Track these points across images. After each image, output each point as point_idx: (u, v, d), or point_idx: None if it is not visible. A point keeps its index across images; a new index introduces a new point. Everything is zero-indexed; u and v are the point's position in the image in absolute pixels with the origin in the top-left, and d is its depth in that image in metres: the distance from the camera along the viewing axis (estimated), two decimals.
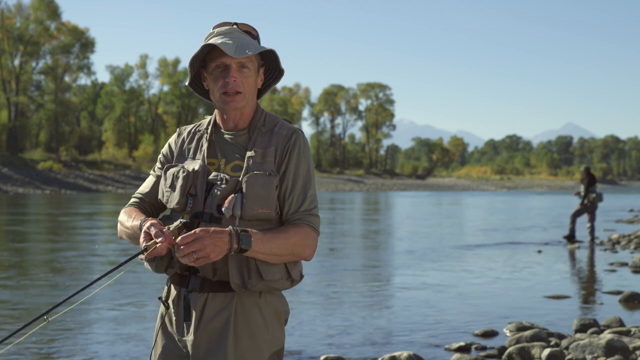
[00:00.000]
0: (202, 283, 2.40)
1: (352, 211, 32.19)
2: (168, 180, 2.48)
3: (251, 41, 2.45)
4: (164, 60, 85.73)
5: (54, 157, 68.62)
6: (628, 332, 6.86)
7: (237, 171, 2.44)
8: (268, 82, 2.58)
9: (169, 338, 2.49)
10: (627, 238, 17.07)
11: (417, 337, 6.94)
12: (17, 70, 70.85)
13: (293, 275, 2.45)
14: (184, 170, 2.45)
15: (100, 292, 8.97)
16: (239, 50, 2.38)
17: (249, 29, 2.48)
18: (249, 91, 2.44)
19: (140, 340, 6.71)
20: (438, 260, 13.20)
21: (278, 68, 2.54)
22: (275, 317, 2.47)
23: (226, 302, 2.40)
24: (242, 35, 2.44)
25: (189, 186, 2.42)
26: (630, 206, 37.42)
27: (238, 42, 2.40)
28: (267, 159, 2.42)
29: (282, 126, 2.50)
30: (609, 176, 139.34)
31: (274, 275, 2.38)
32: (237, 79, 2.40)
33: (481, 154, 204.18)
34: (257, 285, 2.36)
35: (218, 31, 2.44)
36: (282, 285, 2.43)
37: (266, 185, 2.38)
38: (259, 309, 2.43)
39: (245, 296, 2.40)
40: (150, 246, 2.22)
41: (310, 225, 2.44)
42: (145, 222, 2.31)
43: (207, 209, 2.39)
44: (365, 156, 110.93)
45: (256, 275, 2.35)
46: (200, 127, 2.58)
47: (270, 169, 2.41)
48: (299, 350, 6.39)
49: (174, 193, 2.45)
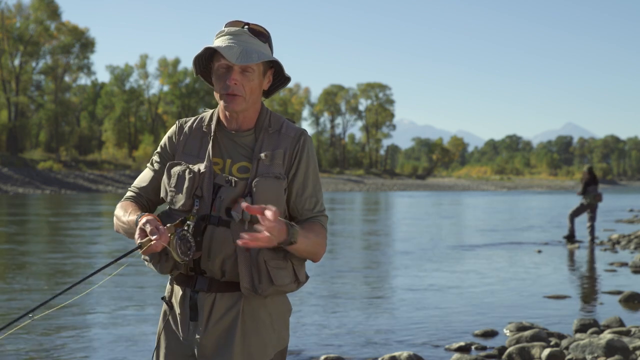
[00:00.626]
0: (209, 283, 2.38)
1: (352, 211, 32.17)
2: (173, 180, 2.43)
3: (258, 46, 2.39)
4: (164, 60, 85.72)
5: (54, 157, 68.62)
6: (628, 332, 6.86)
7: (243, 172, 2.40)
8: (276, 84, 2.53)
9: (173, 338, 2.47)
10: (627, 238, 17.07)
11: (417, 337, 6.94)
12: (17, 70, 70.86)
13: (300, 277, 2.44)
14: (190, 171, 2.40)
15: (99, 293, 8.96)
16: (242, 57, 2.33)
17: (260, 30, 2.42)
18: (250, 94, 2.40)
19: (139, 341, 6.69)
20: (438, 261, 13.20)
21: (283, 76, 2.51)
22: (281, 316, 2.47)
23: (233, 302, 2.39)
24: (249, 39, 2.38)
25: (195, 187, 2.39)
26: (630, 206, 37.40)
27: (243, 47, 2.35)
28: (276, 162, 2.40)
29: (289, 127, 2.48)
30: (609, 176, 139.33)
31: (283, 279, 2.37)
32: (239, 82, 2.37)
33: (481, 154, 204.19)
34: (267, 290, 2.35)
35: (227, 31, 2.40)
36: (290, 289, 2.42)
37: (275, 189, 2.37)
38: (266, 308, 2.42)
39: (252, 296, 2.39)
40: (145, 243, 2.19)
41: (324, 227, 2.44)
42: (141, 218, 2.27)
43: (214, 211, 2.36)
44: (365, 156, 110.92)
45: (267, 280, 2.34)
46: (202, 123, 2.53)
47: (279, 171, 2.39)
48: (299, 350, 6.38)
49: (180, 194, 2.40)
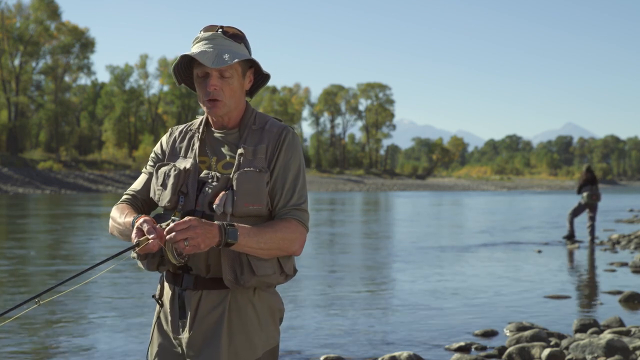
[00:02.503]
0: (195, 281, 2.42)
1: (352, 211, 32.16)
2: (159, 179, 2.51)
3: (233, 47, 2.45)
4: (164, 60, 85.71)
5: (54, 157, 68.64)
6: (628, 332, 6.86)
7: (228, 169, 2.47)
8: (258, 83, 2.59)
9: (165, 336, 2.52)
10: (627, 238, 17.06)
11: (417, 337, 6.94)
12: (17, 70, 70.88)
13: (286, 269, 2.46)
14: (175, 169, 2.47)
15: (99, 288, 8.97)
16: (217, 60, 2.39)
17: (234, 31, 2.48)
18: (230, 97, 2.46)
19: (138, 337, 6.71)
20: (438, 261, 13.20)
21: (262, 74, 2.57)
22: (270, 315, 2.49)
23: (220, 299, 2.42)
24: (224, 42, 2.44)
25: (180, 184, 2.45)
26: (630, 206, 37.38)
27: (218, 51, 2.41)
28: (258, 156, 2.45)
29: (273, 124, 2.54)
30: (609, 176, 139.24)
31: (266, 270, 2.40)
32: (218, 87, 2.43)
33: (481, 154, 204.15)
34: (250, 281, 2.38)
35: (202, 36, 2.46)
36: (275, 280, 2.44)
37: (256, 181, 2.41)
38: (253, 306, 2.44)
39: (239, 293, 2.42)
40: (142, 242, 2.24)
41: (298, 220, 2.45)
42: (138, 219, 2.33)
43: (198, 207, 2.41)
44: (365, 156, 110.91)
45: (248, 271, 2.37)
46: (192, 127, 2.62)
47: (261, 165, 2.44)
48: (299, 350, 6.39)
49: (165, 191, 2.47)
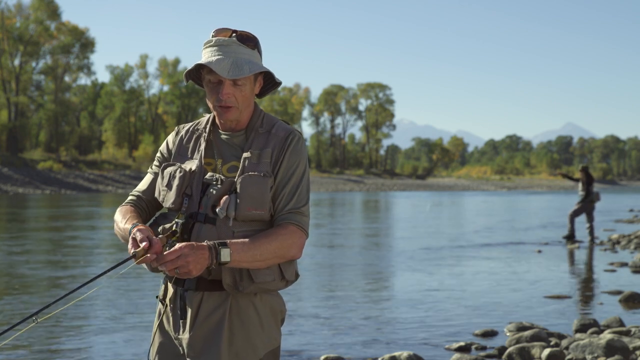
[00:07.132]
0: (197, 282, 2.42)
1: (352, 211, 32.17)
2: (165, 179, 2.50)
3: (248, 56, 2.43)
4: (164, 60, 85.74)
5: (54, 157, 68.63)
6: (628, 332, 6.85)
7: (233, 172, 2.46)
8: (267, 87, 2.58)
9: (166, 336, 2.51)
10: (627, 238, 17.06)
11: (417, 337, 6.94)
12: (17, 70, 70.87)
13: (287, 276, 2.46)
14: (180, 170, 2.47)
15: (100, 290, 8.97)
16: (233, 70, 2.38)
17: (248, 36, 2.46)
18: (242, 103, 2.45)
19: (138, 337, 6.71)
20: (438, 260, 13.20)
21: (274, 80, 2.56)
22: (271, 316, 2.48)
23: (221, 301, 2.42)
24: (239, 49, 2.42)
25: (185, 186, 2.45)
26: (630, 206, 37.39)
27: (233, 60, 2.39)
28: (263, 160, 2.44)
29: (280, 127, 2.52)
30: (609, 176, 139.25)
31: (265, 277, 2.40)
32: (230, 94, 2.42)
33: (481, 154, 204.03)
34: (248, 287, 2.38)
35: (216, 41, 2.43)
36: (275, 287, 2.44)
37: (260, 186, 2.40)
38: (255, 307, 2.44)
39: (240, 295, 2.42)
40: (139, 253, 2.25)
41: (296, 224, 2.44)
42: (134, 228, 2.33)
43: (202, 209, 2.41)
44: (365, 156, 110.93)
45: (247, 278, 2.38)
46: (198, 126, 2.60)
47: (266, 170, 2.43)
48: (299, 350, 6.38)
49: (170, 192, 2.47)
